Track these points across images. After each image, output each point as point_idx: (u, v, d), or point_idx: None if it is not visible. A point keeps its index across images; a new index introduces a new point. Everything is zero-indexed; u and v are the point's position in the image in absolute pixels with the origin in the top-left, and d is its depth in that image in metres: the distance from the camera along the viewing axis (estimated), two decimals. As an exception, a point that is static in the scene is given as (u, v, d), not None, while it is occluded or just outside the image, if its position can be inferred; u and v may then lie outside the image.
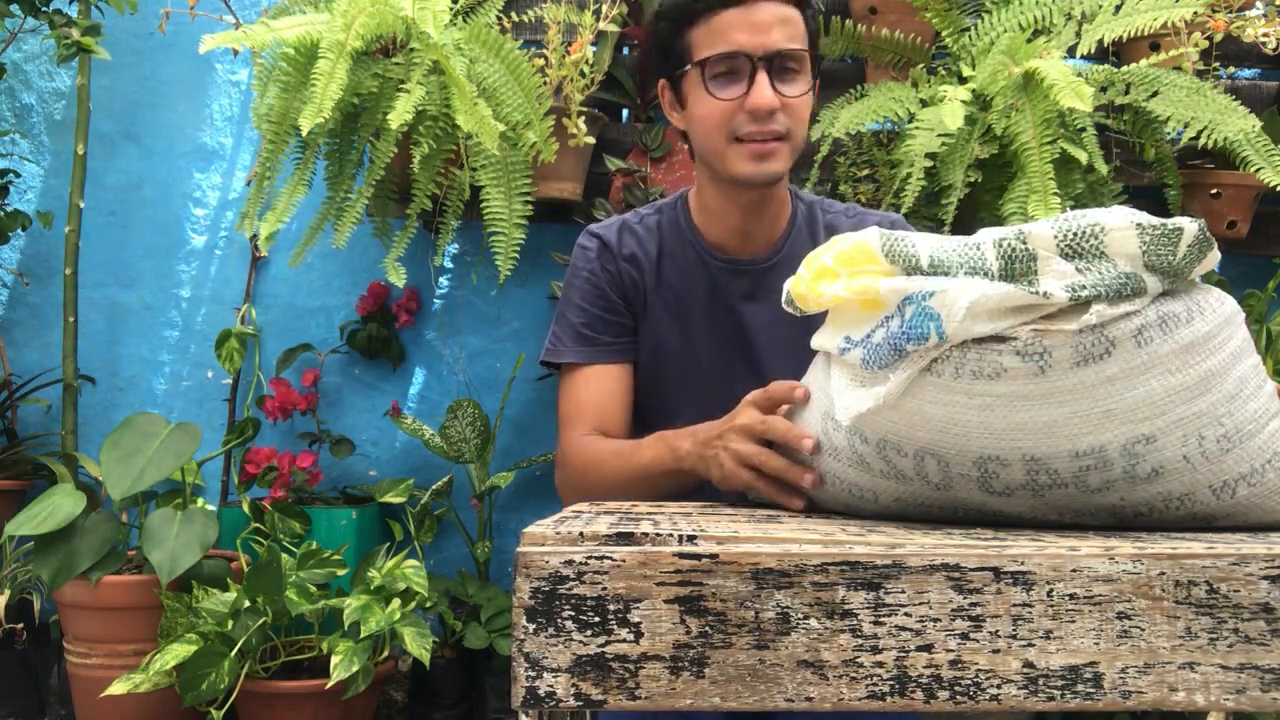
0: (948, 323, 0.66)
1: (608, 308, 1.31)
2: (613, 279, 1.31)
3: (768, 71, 1.17)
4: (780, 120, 1.19)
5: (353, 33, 1.79)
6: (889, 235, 0.73)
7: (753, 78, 1.17)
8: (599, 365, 1.29)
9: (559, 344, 1.31)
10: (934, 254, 0.70)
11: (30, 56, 2.49)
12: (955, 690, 0.52)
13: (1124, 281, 0.65)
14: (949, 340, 0.67)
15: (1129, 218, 0.67)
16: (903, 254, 0.71)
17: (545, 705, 0.52)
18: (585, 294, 1.31)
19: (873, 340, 0.72)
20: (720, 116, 1.20)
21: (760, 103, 1.17)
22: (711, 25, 1.19)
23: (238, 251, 2.48)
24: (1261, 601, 0.53)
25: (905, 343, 0.69)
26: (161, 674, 1.81)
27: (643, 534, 0.56)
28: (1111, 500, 0.69)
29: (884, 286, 0.70)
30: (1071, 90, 1.71)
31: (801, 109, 1.21)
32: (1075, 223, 0.68)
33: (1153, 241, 0.66)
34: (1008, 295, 0.66)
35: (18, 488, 2.29)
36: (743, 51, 1.17)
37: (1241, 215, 2.16)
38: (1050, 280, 0.66)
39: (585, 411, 1.27)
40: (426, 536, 2.29)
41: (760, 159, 1.20)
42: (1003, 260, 0.67)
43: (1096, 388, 0.66)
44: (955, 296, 0.66)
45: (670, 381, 1.33)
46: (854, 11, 2.20)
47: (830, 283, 0.74)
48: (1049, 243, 0.67)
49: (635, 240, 1.33)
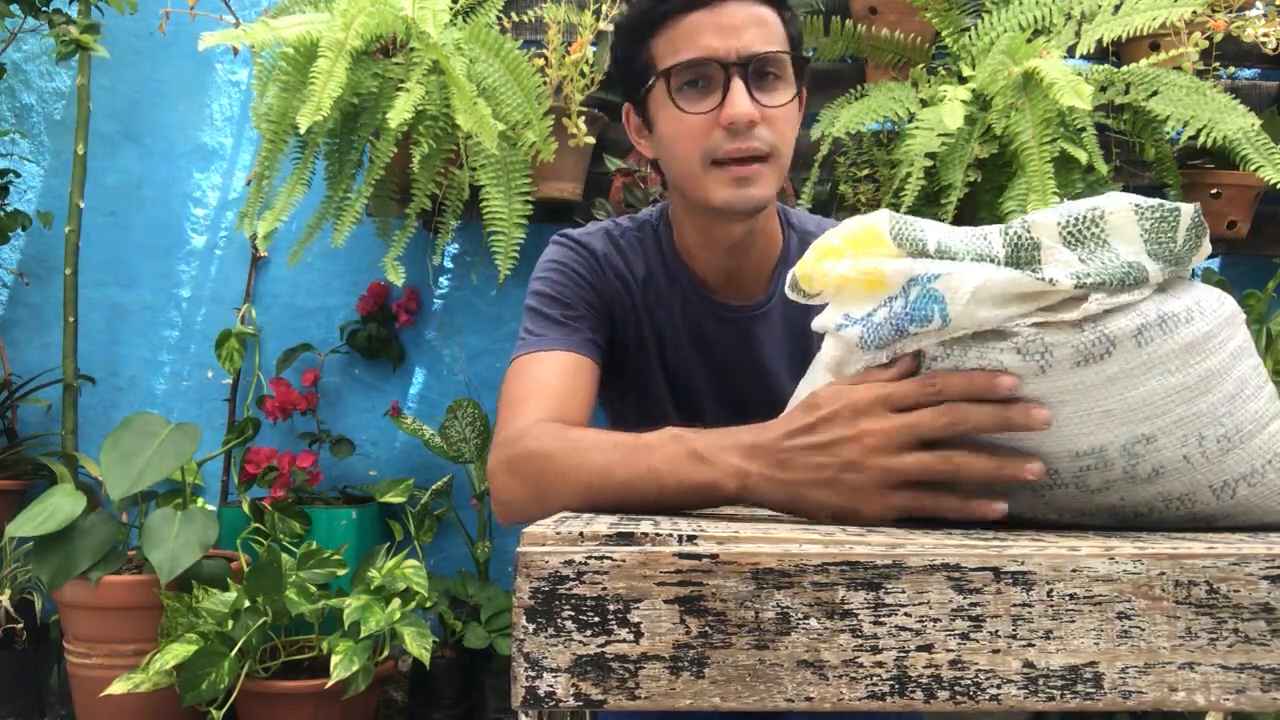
0: (952, 306, 0.66)
1: (588, 301, 1.13)
2: (598, 279, 1.14)
3: (743, 78, 1.01)
4: (761, 135, 1.02)
5: (352, 32, 1.79)
6: (898, 218, 0.72)
7: (727, 86, 1.01)
8: (569, 353, 1.07)
9: (530, 336, 1.10)
10: (941, 240, 0.70)
11: (30, 56, 2.49)
12: (955, 690, 0.52)
13: (1126, 271, 0.65)
14: (952, 324, 0.66)
15: (1126, 200, 0.67)
16: (910, 238, 0.71)
17: (545, 705, 0.52)
18: (560, 284, 1.12)
19: (874, 319, 0.71)
20: (692, 135, 1.03)
21: (737, 114, 1.00)
22: (676, 31, 1.03)
23: (238, 251, 2.48)
24: (1261, 601, 0.53)
25: (908, 323, 0.68)
26: (161, 674, 1.81)
27: (643, 534, 0.56)
28: (1111, 500, 0.69)
29: (889, 267, 0.70)
30: (1071, 90, 1.71)
31: (784, 121, 1.04)
32: (1076, 209, 0.68)
33: (1153, 226, 0.67)
34: (1013, 281, 0.65)
35: (18, 488, 2.29)
36: (713, 57, 1.01)
37: (1241, 215, 2.16)
38: (1055, 268, 0.66)
39: (549, 395, 1.02)
40: (426, 536, 2.29)
41: (741, 184, 1.03)
42: (1009, 247, 0.67)
43: (1097, 388, 0.66)
44: (961, 280, 0.66)
45: (644, 418, 1.16)
46: (854, 11, 2.20)
47: (836, 261, 0.74)
48: (1052, 231, 0.67)
49: (621, 257, 1.17)
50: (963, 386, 0.66)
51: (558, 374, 1.04)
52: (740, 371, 1.16)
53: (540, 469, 0.86)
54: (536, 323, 1.10)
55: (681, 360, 1.18)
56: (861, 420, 0.68)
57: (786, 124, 1.05)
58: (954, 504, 0.67)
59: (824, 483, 0.69)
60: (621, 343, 1.17)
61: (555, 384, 1.03)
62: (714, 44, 1.01)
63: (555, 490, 0.84)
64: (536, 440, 0.89)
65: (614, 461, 0.80)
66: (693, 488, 0.76)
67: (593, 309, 1.13)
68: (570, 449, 0.85)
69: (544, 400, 1.00)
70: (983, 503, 0.67)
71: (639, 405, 1.21)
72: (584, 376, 1.06)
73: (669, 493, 0.77)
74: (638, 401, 1.20)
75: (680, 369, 1.18)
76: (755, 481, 0.72)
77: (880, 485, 0.68)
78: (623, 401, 1.23)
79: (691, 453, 0.76)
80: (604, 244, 1.16)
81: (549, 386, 1.03)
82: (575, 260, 1.14)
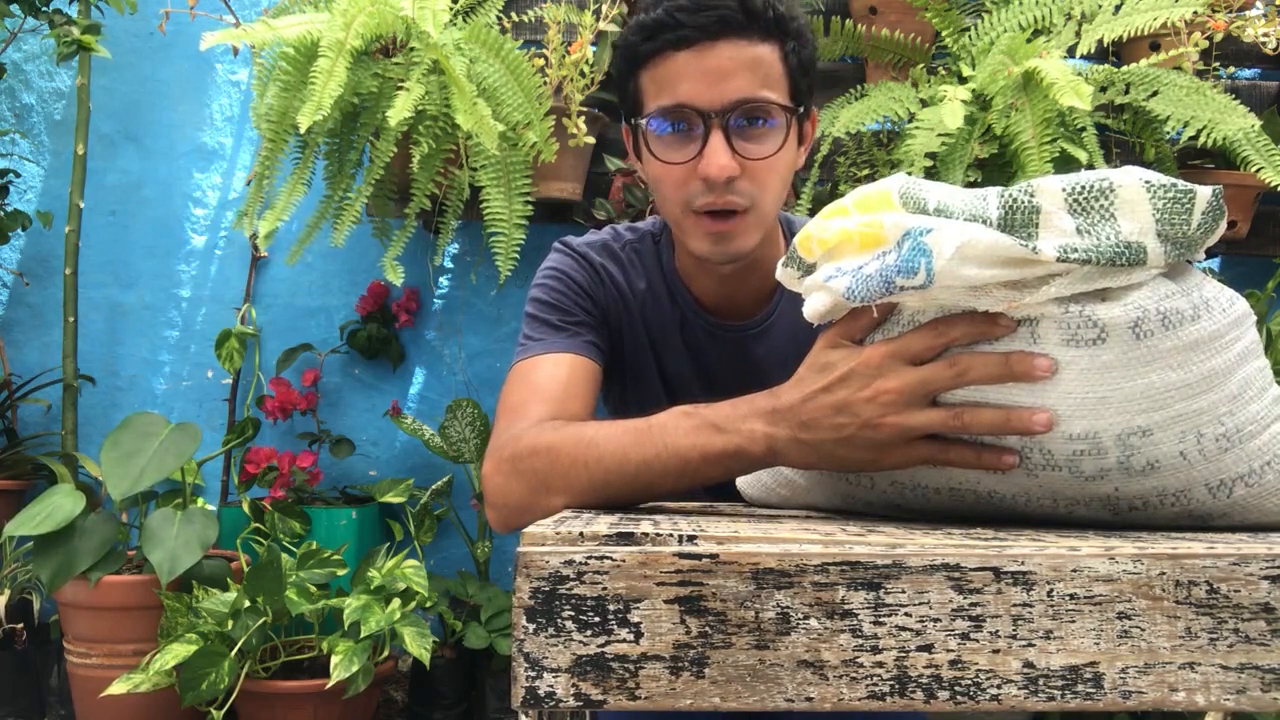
0: (937, 260, 0.66)
1: (587, 309, 1.11)
2: (597, 289, 1.13)
3: (724, 129, 0.95)
4: (740, 189, 0.97)
5: (352, 32, 1.79)
6: (908, 181, 0.72)
7: (706, 138, 0.95)
8: (568, 354, 1.05)
9: (529, 341, 1.08)
10: (941, 199, 0.70)
11: (30, 56, 2.49)
12: (955, 690, 0.52)
13: (1119, 250, 0.64)
14: (936, 279, 0.66)
15: (1138, 175, 0.66)
16: (914, 197, 0.71)
17: (545, 705, 0.52)
18: (560, 292, 1.11)
19: (864, 271, 0.70)
20: (673, 182, 0.99)
21: (712, 171, 0.95)
22: (660, 71, 0.97)
23: (238, 251, 2.48)
24: (1262, 601, 0.53)
25: (896, 275, 0.68)
26: (161, 674, 1.81)
27: (643, 534, 0.56)
28: (1106, 490, 0.69)
29: (888, 220, 0.70)
30: (1071, 90, 1.71)
31: (768, 172, 0.98)
32: (1085, 177, 0.67)
33: (1166, 206, 0.66)
34: (996, 243, 0.65)
35: (18, 488, 2.29)
36: (693, 106, 0.95)
37: (1241, 215, 2.16)
38: (1047, 238, 0.66)
39: (548, 397, 0.99)
40: (426, 536, 2.30)
41: (719, 240, 0.99)
42: (1003, 210, 0.67)
43: (1091, 372, 0.66)
44: (947, 236, 0.66)
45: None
46: (854, 11, 2.20)
47: (841, 219, 0.74)
48: (1056, 197, 0.66)
49: (621, 270, 1.15)
50: (966, 328, 0.68)
51: (557, 376, 1.02)
52: (739, 387, 1.15)
53: (545, 464, 0.83)
54: (535, 328, 1.09)
55: (680, 374, 1.17)
56: (876, 379, 0.71)
57: (771, 174, 0.99)
58: (969, 454, 0.70)
59: (845, 440, 0.72)
60: (620, 354, 1.15)
61: (555, 386, 1.01)
62: (696, 91, 0.95)
63: (562, 484, 0.82)
64: (538, 435, 0.86)
65: (625, 445, 0.80)
66: (717, 457, 0.77)
67: (592, 316, 1.11)
68: (575, 440, 0.83)
69: (543, 403, 0.98)
70: (994, 453, 0.70)
71: (639, 416, 1.20)
72: (584, 377, 1.04)
73: (692, 467, 0.78)
74: (638, 414, 1.20)
75: (679, 384, 1.17)
76: (782, 445, 0.75)
77: (899, 440, 0.71)
78: (625, 415, 1.22)
79: (708, 424, 0.78)
80: (604, 257, 1.15)
81: (548, 389, 1.00)
82: (575, 269, 1.13)
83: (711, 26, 0.94)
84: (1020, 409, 0.67)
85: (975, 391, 0.69)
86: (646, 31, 0.97)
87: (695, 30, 0.94)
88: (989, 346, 0.69)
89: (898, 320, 0.72)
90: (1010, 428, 0.67)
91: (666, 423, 0.80)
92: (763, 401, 0.77)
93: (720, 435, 0.77)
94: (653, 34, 0.96)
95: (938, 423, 0.69)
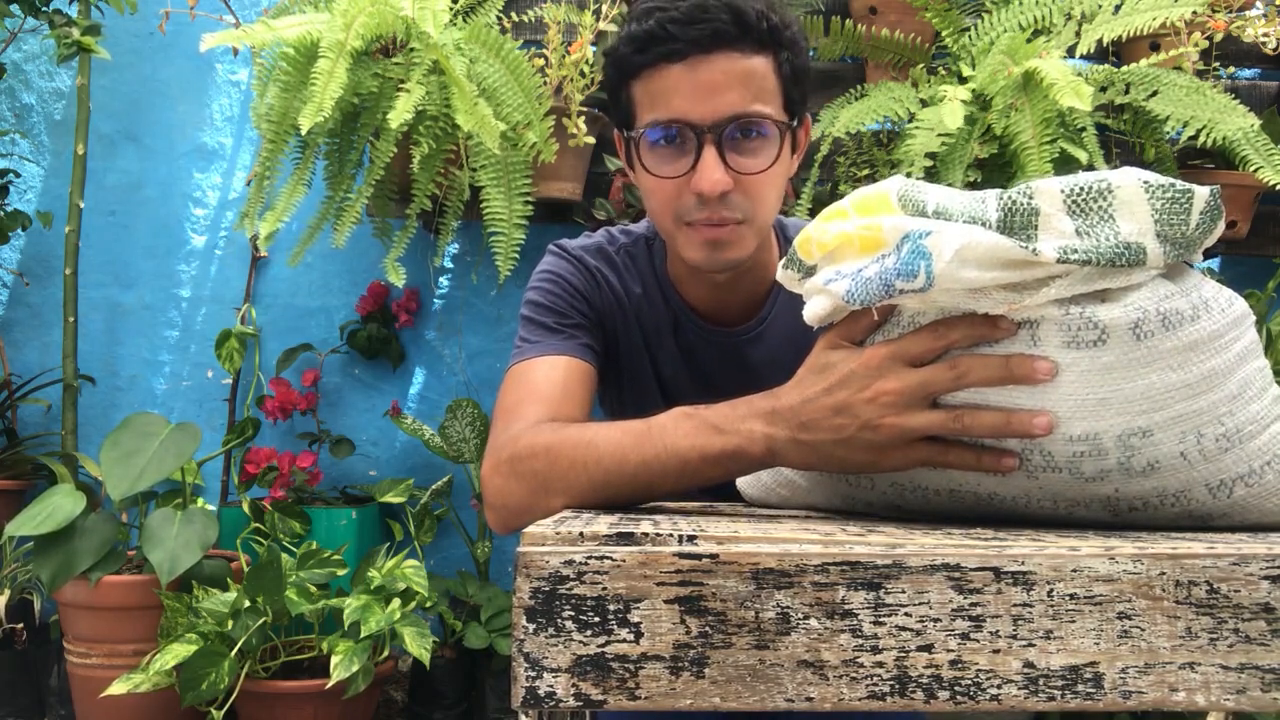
0: (937, 263, 0.66)
1: (582, 311, 1.11)
2: (593, 292, 1.13)
3: (717, 145, 0.94)
4: (735, 203, 0.96)
5: (353, 32, 1.79)
6: (908, 184, 0.72)
7: (700, 153, 0.94)
8: (563, 356, 1.05)
9: (525, 344, 1.08)
10: (940, 201, 0.70)
11: (30, 56, 2.50)
12: (955, 690, 0.52)
13: (1119, 251, 0.64)
14: (935, 281, 0.66)
15: (1136, 176, 0.66)
16: (913, 200, 0.71)
17: (545, 705, 0.52)
18: (555, 294, 1.11)
19: (864, 274, 0.70)
20: (665, 195, 0.98)
21: (705, 187, 0.94)
22: (652, 84, 0.95)
23: (238, 251, 2.48)
24: (1262, 601, 0.53)
25: (895, 278, 0.68)
26: (161, 674, 1.81)
27: (643, 534, 0.56)
28: (1106, 491, 0.69)
29: (887, 223, 0.70)
30: (1071, 90, 1.71)
31: (763, 184, 0.98)
32: (1083, 179, 0.67)
33: (1164, 206, 0.66)
34: (996, 245, 0.65)
35: (18, 488, 2.29)
36: (686, 121, 0.94)
37: (1241, 215, 2.16)
38: (1046, 240, 0.66)
39: (545, 399, 0.99)
40: (426, 536, 2.30)
41: (714, 247, 0.99)
42: (1002, 212, 0.67)
43: (1091, 374, 0.66)
44: (946, 238, 0.66)
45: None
46: (854, 11, 2.20)
47: (841, 222, 0.74)
48: (1055, 198, 0.66)
49: (615, 274, 1.14)
50: (966, 330, 0.68)
51: (553, 378, 1.02)
52: (735, 390, 1.15)
53: (544, 465, 0.83)
54: (531, 331, 1.09)
55: (675, 377, 1.17)
56: (875, 380, 0.71)
57: (765, 186, 0.98)
58: (969, 456, 0.70)
59: (845, 442, 0.72)
60: (615, 357, 1.15)
61: (551, 388, 1.00)
62: (688, 106, 0.94)
63: (561, 485, 0.82)
64: (536, 436, 0.86)
65: (625, 446, 0.80)
66: (717, 458, 0.77)
67: (587, 319, 1.11)
68: (574, 441, 0.83)
69: (540, 404, 0.97)
70: (994, 455, 0.69)
71: (636, 418, 1.20)
72: (580, 379, 1.04)
73: (691, 468, 0.78)
74: (635, 416, 1.20)
75: (675, 386, 1.17)
76: (782, 445, 0.75)
77: (898, 442, 0.71)
78: (621, 417, 1.22)
79: (708, 425, 0.78)
80: (598, 260, 1.14)
81: (545, 390, 1.00)
82: (570, 272, 1.12)
83: (704, 40, 0.92)
84: (1021, 412, 0.67)
85: (975, 394, 0.69)
86: (638, 43, 0.95)
87: (688, 44, 0.92)
88: (989, 349, 0.68)
89: (898, 322, 0.72)
90: (1010, 430, 0.67)
91: (666, 424, 0.81)
92: (762, 402, 0.77)
93: (720, 436, 0.77)
94: (644, 46, 0.95)
95: (937, 425, 0.69)
